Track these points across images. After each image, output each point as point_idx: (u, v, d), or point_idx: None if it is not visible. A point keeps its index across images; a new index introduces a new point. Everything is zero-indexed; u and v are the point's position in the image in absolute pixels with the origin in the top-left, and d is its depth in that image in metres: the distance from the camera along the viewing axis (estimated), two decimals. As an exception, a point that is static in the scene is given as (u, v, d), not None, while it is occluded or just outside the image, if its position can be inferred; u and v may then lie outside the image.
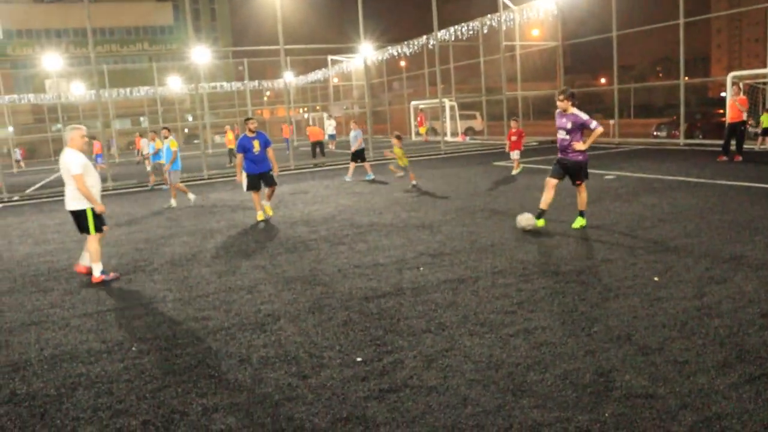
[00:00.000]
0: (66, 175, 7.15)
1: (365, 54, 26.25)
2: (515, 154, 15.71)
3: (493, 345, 4.55)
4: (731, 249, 6.79)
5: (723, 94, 23.70)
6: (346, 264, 7.37)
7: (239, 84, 48.37)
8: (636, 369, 4.00)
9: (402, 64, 41.73)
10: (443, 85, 29.20)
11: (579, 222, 8.49)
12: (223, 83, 49.36)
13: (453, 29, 28.97)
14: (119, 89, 44.72)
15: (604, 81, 50.19)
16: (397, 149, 14.50)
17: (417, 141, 35.12)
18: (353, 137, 16.75)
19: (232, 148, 25.28)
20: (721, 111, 22.71)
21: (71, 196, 7.24)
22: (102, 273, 7.38)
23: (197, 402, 3.97)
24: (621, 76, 24.73)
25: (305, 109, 54.71)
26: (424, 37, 30.85)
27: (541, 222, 8.32)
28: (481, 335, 4.76)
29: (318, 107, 53.86)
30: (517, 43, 29.11)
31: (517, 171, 15.59)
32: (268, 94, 62.95)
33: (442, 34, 28.69)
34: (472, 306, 5.48)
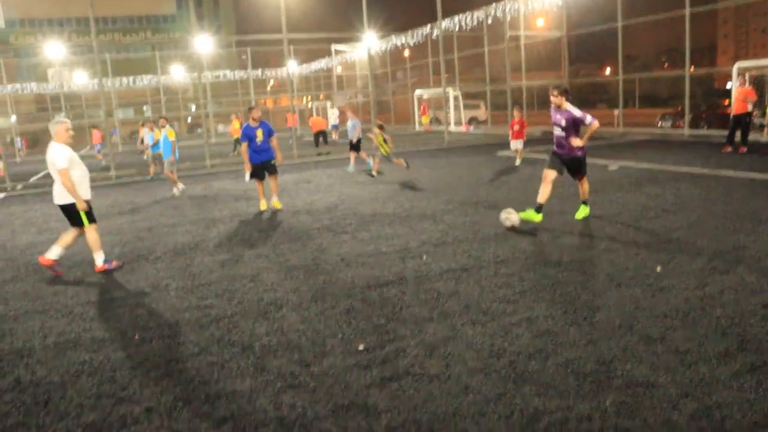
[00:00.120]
0: (52, 170, 7.04)
1: (369, 43, 26.16)
2: (518, 143, 15.66)
3: (495, 334, 4.57)
4: (734, 240, 6.78)
5: (729, 84, 23.58)
6: (348, 253, 7.38)
7: (242, 73, 48.26)
8: (637, 358, 4.01)
9: (406, 53, 41.59)
10: (447, 75, 29.13)
11: (583, 212, 8.46)
12: (227, 72, 49.22)
13: (457, 19, 28.80)
14: (122, 78, 44.62)
15: (608, 71, 49.94)
16: (379, 137, 14.46)
17: (420, 131, 35.06)
18: (351, 126, 16.72)
19: (238, 137, 25.24)
20: (727, 102, 22.62)
21: (59, 189, 7.13)
22: (105, 262, 7.39)
23: (200, 389, 4.00)
24: (626, 66, 24.58)
25: (308, 99, 54.60)
26: (428, 27, 30.70)
27: (539, 217, 8.04)
28: (484, 324, 4.78)
29: (321, 96, 53.75)
30: (522, 33, 28.96)
31: (518, 161, 15.56)
32: (271, 83, 62.90)
33: (446, 23, 28.51)
34: (474, 295, 5.49)
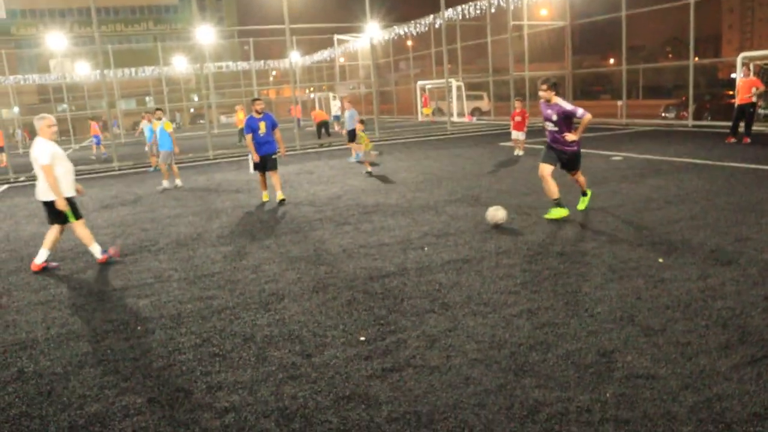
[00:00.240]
0: (35, 165, 6.92)
1: (371, 33, 26.06)
2: (519, 135, 15.59)
3: (496, 325, 4.57)
4: (737, 231, 6.76)
5: (733, 75, 23.44)
6: (350, 244, 7.39)
7: (245, 64, 48.18)
8: (638, 350, 4.01)
9: (409, 43, 41.45)
10: (450, 65, 29.01)
11: (583, 202, 8.42)
12: (229, 63, 49.18)
13: (460, 8, 28.70)
14: (124, 69, 44.60)
15: (612, 61, 49.71)
16: (360, 133, 14.41)
17: (424, 122, 34.98)
18: (349, 117, 16.69)
19: (242, 128, 25.24)
20: (731, 92, 22.49)
21: (42, 186, 7.00)
22: (103, 252, 7.38)
23: (201, 380, 4.02)
24: (630, 56, 24.46)
25: (311, 89, 54.49)
26: (431, 17, 30.58)
27: (564, 211, 7.90)
28: (485, 315, 4.78)
29: (324, 87, 53.63)
30: (525, 23, 28.82)
31: (518, 152, 15.49)
32: (274, 74, 62.71)
33: (449, 13, 28.43)
34: (475, 286, 5.49)
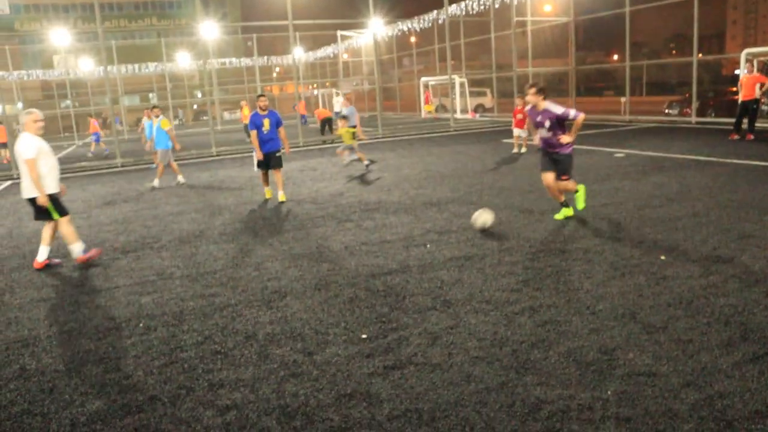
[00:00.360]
0: (20, 161, 6.85)
1: (375, 29, 26.02)
2: (521, 132, 15.55)
3: (498, 322, 4.57)
4: (739, 228, 6.75)
5: (737, 71, 23.36)
6: (353, 241, 7.39)
7: (248, 60, 48.17)
8: (640, 347, 4.01)
9: (412, 39, 41.39)
10: (453, 62, 28.94)
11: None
12: (232, 59, 49.16)
13: (464, 4, 28.61)
14: (127, 65, 44.63)
15: (616, 58, 49.59)
16: (342, 129, 14.38)
17: (427, 118, 34.94)
18: (349, 113, 16.65)
19: (247, 123, 25.23)
20: (734, 89, 22.42)
21: (27, 182, 6.93)
22: (84, 252, 7.23)
23: (203, 378, 4.02)
24: (633, 52, 24.41)
25: (315, 86, 54.48)
26: (434, 12, 30.51)
27: (570, 211, 7.80)
28: (486, 312, 4.78)
29: (328, 83, 53.61)
30: (529, 19, 28.77)
31: (518, 150, 15.45)
32: (277, 70, 62.71)
33: (452, 9, 28.36)
34: (477, 283, 5.49)
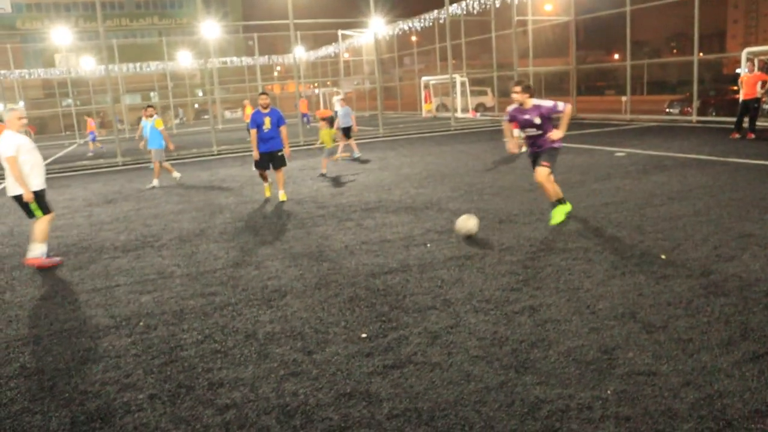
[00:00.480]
0: (2, 159, 6.82)
1: (376, 29, 26.00)
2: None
3: (498, 322, 4.57)
4: (740, 227, 6.74)
5: (738, 70, 23.33)
6: (353, 240, 7.39)
7: (249, 59, 48.17)
8: (639, 346, 4.00)
9: (413, 39, 41.37)
10: (454, 61, 28.93)
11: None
12: (233, 58, 49.15)
13: (465, 3, 28.59)
14: (129, 64, 44.63)
15: (617, 57, 49.55)
16: (323, 131, 14.33)
17: (428, 117, 34.94)
18: (344, 114, 16.67)
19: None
20: (735, 88, 22.40)
21: (11, 180, 6.90)
22: (45, 256, 7.06)
23: (203, 376, 4.02)
24: (634, 52, 24.39)
25: (316, 85, 54.46)
26: (435, 12, 30.48)
27: (568, 206, 7.70)
28: (486, 312, 4.78)
29: (329, 83, 53.60)
30: (530, 18, 28.75)
31: (519, 150, 15.42)
32: (278, 69, 62.72)
33: (453, 8, 28.33)
34: (477, 283, 5.49)
